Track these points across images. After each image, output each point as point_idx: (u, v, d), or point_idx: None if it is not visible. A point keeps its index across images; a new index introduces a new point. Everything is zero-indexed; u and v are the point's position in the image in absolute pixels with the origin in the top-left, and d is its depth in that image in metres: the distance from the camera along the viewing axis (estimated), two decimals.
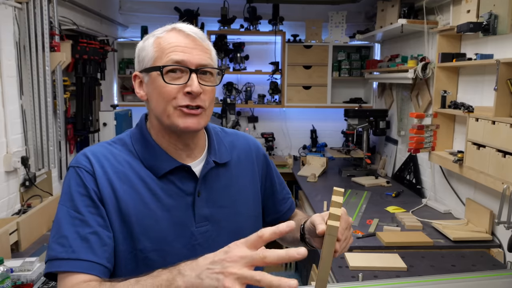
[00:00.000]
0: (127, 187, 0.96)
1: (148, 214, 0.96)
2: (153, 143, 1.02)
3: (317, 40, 4.27)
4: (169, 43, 0.96)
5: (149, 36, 1.02)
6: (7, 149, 2.34)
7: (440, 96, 2.62)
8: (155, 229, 0.96)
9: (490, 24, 2.08)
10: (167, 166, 1.00)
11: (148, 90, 1.00)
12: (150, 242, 0.95)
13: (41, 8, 2.49)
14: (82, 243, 0.89)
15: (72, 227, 0.90)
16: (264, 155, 1.21)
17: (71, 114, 3.09)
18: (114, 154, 1.00)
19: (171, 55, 0.95)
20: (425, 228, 2.40)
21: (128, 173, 0.98)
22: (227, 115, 4.18)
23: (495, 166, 2.00)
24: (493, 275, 1.76)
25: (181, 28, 0.99)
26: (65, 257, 0.88)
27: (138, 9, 4.38)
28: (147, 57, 0.99)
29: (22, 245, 2.07)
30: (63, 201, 0.95)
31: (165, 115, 0.97)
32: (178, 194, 1.00)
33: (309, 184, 3.49)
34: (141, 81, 1.02)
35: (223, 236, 1.03)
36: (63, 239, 0.89)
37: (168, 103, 0.96)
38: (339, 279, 1.83)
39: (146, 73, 0.99)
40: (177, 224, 0.98)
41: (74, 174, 0.96)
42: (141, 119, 1.07)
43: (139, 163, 1.00)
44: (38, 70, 2.52)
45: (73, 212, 0.92)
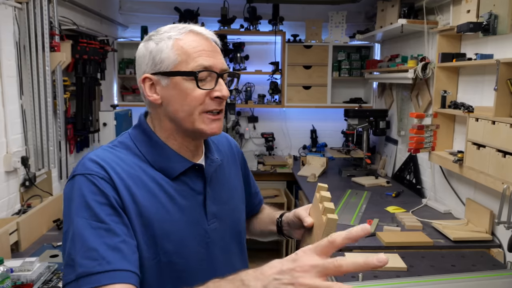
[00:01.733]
0: (144, 191, 0.93)
1: (167, 217, 0.94)
2: (162, 144, 1.00)
3: (317, 40, 4.27)
4: (193, 47, 0.95)
5: (162, 37, 0.97)
6: (7, 149, 2.34)
7: (440, 96, 2.62)
8: (175, 231, 0.95)
9: (490, 24, 2.08)
10: (180, 167, 0.99)
11: (166, 93, 0.96)
12: (171, 245, 0.94)
13: (41, 8, 2.49)
14: (115, 253, 0.83)
15: (98, 239, 0.84)
16: (241, 152, 1.26)
17: (71, 114, 3.09)
18: (121, 158, 0.95)
19: (199, 60, 0.94)
20: (425, 228, 2.40)
21: (142, 177, 0.94)
22: (227, 115, 4.18)
23: (495, 166, 2.00)
24: (493, 275, 1.76)
25: (199, 31, 0.98)
26: (101, 270, 0.81)
27: (138, 9, 4.38)
28: (167, 60, 0.95)
29: (22, 245, 2.07)
30: (79, 212, 0.86)
31: (190, 120, 0.96)
32: (191, 194, 1.00)
33: (309, 184, 3.49)
34: (153, 84, 0.97)
35: (227, 232, 1.07)
36: (92, 252, 0.82)
37: (195, 108, 0.95)
38: (339, 279, 1.83)
39: (166, 76, 0.95)
40: (192, 224, 0.98)
41: (87, 182, 0.89)
42: (141, 120, 1.03)
43: (148, 165, 0.97)
44: (38, 70, 2.52)
45: (95, 223, 0.85)
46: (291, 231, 1.14)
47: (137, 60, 1.01)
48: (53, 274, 1.77)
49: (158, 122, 1.01)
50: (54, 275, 1.76)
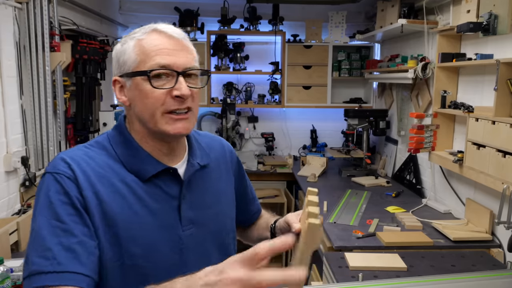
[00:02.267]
0: (111, 192, 0.92)
1: (135, 220, 0.93)
2: (136, 145, 0.99)
3: (317, 40, 4.27)
4: (153, 45, 0.93)
5: (127, 38, 0.97)
6: (7, 149, 2.34)
7: (440, 96, 2.62)
8: (143, 234, 0.93)
9: (490, 24, 2.08)
10: (152, 169, 0.97)
11: (131, 95, 0.96)
12: (138, 248, 0.92)
13: (41, 8, 2.49)
14: (68, 254, 0.83)
15: (55, 238, 0.84)
16: (237, 158, 1.23)
17: (71, 114, 3.09)
18: (93, 157, 0.95)
19: (156, 59, 0.92)
20: (425, 228, 2.40)
21: (111, 178, 0.93)
22: (227, 115, 4.18)
23: (495, 166, 2.00)
24: (493, 275, 1.76)
25: (162, 29, 0.96)
26: (51, 270, 0.81)
27: (138, 9, 4.38)
28: (128, 61, 0.94)
29: (22, 245, 2.07)
30: (41, 211, 0.87)
31: (153, 121, 0.94)
32: (164, 198, 0.98)
33: (309, 184, 3.49)
34: (122, 86, 0.97)
35: (207, 238, 1.04)
36: (47, 252, 0.83)
37: (156, 108, 0.93)
38: (339, 279, 1.83)
39: (128, 77, 0.95)
40: (164, 228, 0.96)
41: (53, 181, 0.89)
42: (120, 121, 1.03)
43: (121, 166, 0.96)
44: (38, 70, 2.52)
45: (54, 222, 0.86)
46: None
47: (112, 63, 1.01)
48: None
49: (131, 124, 1.01)
50: None
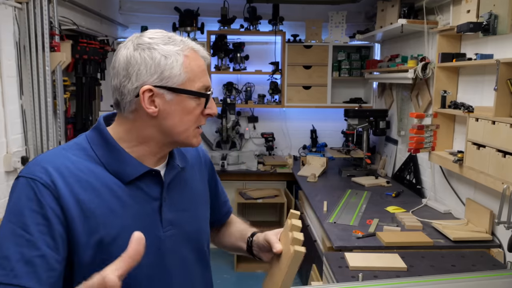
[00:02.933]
0: (93, 196, 0.91)
1: (116, 223, 0.92)
2: (117, 147, 0.97)
3: (317, 40, 4.27)
4: (198, 66, 0.97)
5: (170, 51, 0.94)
6: (7, 149, 2.34)
7: (440, 96, 2.62)
8: (124, 237, 0.88)
9: (490, 24, 2.08)
10: (135, 171, 0.96)
11: (167, 108, 0.95)
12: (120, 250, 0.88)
13: (41, 8, 2.49)
14: (26, 267, 0.81)
15: (16, 247, 0.82)
16: (210, 160, 1.25)
17: (71, 114, 3.09)
18: (73, 161, 0.93)
19: (203, 81, 0.97)
20: (425, 228, 2.40)
21: (92, 181, 0.92)
22: (227, 115, 4.18)
23: (495, 166, 2.00)
24: (493, 275, 1.76)
25: (197, 49, 0.99)
26: (5, 281, 0.80)
27: (138, 9, 4.38)
28: (174, 76, 0.93)
29: None
30: (9, 216, 0.85)
31: (184, 135, 0.98)
32: (145, 200, 0.98)
33: (309, 184, 3.49)
34: (152, 95, 0.94)
35: (185, 239, 1.05)
36: (4, 260, 0.81)
37: (192, 124, 0.98)
38: (339, 279, 1.83)
39: (172, 91, 0.94)
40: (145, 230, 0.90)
41: (26, 186, 0.87)
42: (100, 122, 1.01)
43: (102, 168, 0.95)
44: (38, 70, 2.52)
45: (19, 230, 0.83)
46: (260, 254, 1.13)
47: (131, 66, 0.95)
48: None
49: (135, 130, 0.98)
50: None
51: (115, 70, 0.98)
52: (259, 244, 1.12)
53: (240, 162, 4.20)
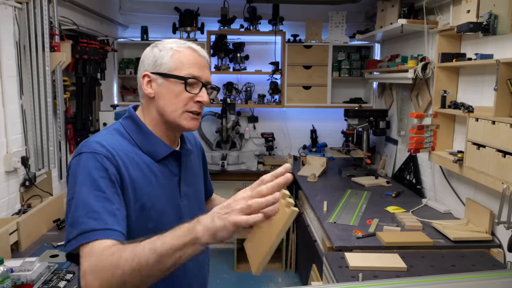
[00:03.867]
0: (138, 170, 1.13)
1: (153, 192, 1.15)
2: (149, 132, 1.20)
3: (317, 40, 4.27)
4: (188, 59, 1.18)
5: (165, 46, 1.19)
6: (7, 149, 2.34)
7: (440, 96, 2.62)
8: (158, 203, 1.16)
9: (490, 24, 2.08)
10: (164, 151, 1.20)
11: (159, 90, 1.18)
12: (155, 215, 1.15)
13: (41, 8, 2.49)
14: (111, 217, 1.01)
15: (99, 203, 1.02)
16: (202, 147, 1.49)
17: (71, 114, 3.09)
18: (119, 142, 1.15)
19: (191, 70, 1.17)
20: (425, 228, 2.40)
21: (135, 158, 1.15)
22: (227, 115, 4.18)
23: (495, 166, 2.00)
24: (493, 275, 1.76)
25: (195, 48, 1.21)
26: (100, 227, 0.99)
27: (138, 9, 4.38)
28: (165, 65, 1.17)
29: (22, 245, 2.07)
30: (84, 183, 1.04)
31: (173, 115, 1.18)
32: (170, 175, 1.22)
33: (309, 184, 3.49)
34: (150, 81, 1.18)
35: (194, 208, 1.29)
36: (95, 214, 1.00)
37: (179, 107, 1.17)
38: (339, 279, 1.83)
39: (163, 77, 1.17)
40: (170, 199, 1.21)
41: (93, 159, 1.07)
42: (131, 112, 1.23)
43: (138, 149, 1.17)
44: (38, 70, 2.52)
45: (97, 192, 1.03)
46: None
47: (141, 61, 1.22)
48: (53, 274, 1.77)
49: (147, 112, 1.22)
50: (54, 275, 1.76)
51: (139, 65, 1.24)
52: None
53: (240, 162, 4.20)
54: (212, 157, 4.20)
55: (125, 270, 0.91)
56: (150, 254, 0.91)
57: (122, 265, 0.91)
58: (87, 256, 0.96)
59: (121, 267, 0.91)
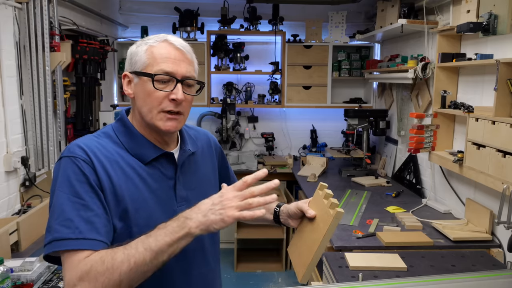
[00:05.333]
0: (120, 173, 1.08)
1: (139, 196, 1.09)
2: (138, 133, 1.15)
3: (317, 40, 4.27)
4: (160, 53, 1.10)
5: (142, 42, 1.14)
6: (7, 149, 2.34)
7: (440, 96, 2.62)
8: (145, 208, 1.10)
9: (490, 24, 2.08)
10: (153, 153, 1.14)
11: (136, 90, 1.13)
12: (142, 219, 1.08)
13: (41, 8, 2.49)
14: (87, 225, 0.99)
15: (75, 211, 0.99)
16: (220, 148, 1.42)
17: (71, 114, 3.09)
18: (103, 145, 1.11)
19: (162, 65, 1.09)
20: (425, 228, 2.40)
21: (119, 161, 1.10)
22: (227, 115, 4.18)
23: (495, 166, 2.00)
24: (493, 275, 1.76)
25: (172, 41, 1.13)
26: (73, 237, 0.97)
27: (138, 9, 4.38)
28: (139, 62, 1.11)
29: (22, 245, 2.07)
30: (62, 188, 1.02)
31: (149, 116, 1.11)
32: (162, 178, 1.15)
33: (309, 184, 3.49)
34: (130, 81, 1.14)
35: None
36: (68, 222, 0.98)
37: (154, 107, 1.10)
38: (339, 279, 1.83)
39: (137, 75, 1.12)
40: (162, 203, 1.13)
41: (71, 163, 1.04)
42: (122, 114, 1.19)
43: (126, 152, 1.13)
44: (38, 70, 2.52)
45: (74, 198, 1.01)
46: (288, 221, 1.29)
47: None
48: (53, 274, 1.78)
49: (133, 113, 1.18)
50: (54, 275, 1.76)
51: None
52: (290, 213, 1.27)
53: (240, 162, 4.20)
54: None
55: (122, 272, 0.95)
56: (146, 252, 0.95)
57: (118, 268, 0.94)
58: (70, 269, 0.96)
59: (117, 270, 0.94)
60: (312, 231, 1.01)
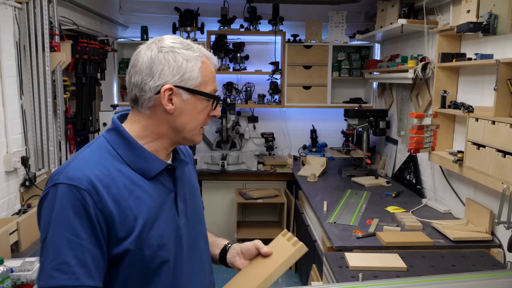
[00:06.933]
0: (127, 194, 0.99)
1: (149, 215, 1.02)
2: (137, 145, 1.05)
3: (317, 40, 4.27)
4: (211, 72, 1.08)
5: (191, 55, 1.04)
6: (7, 149, 2.34)
7: (440, 96, 2.62)
8: (156, 227, 1.02)
9: (490, 24, 2.08)
10: (157, 167, 1.06)
11: (182, 106, 1.04)
12: (154, 239, 1.01)
13: (41, 8, 2.49)
14: (83, 269, 0.92)
15: (71, 252, 0.92)
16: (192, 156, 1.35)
17: (71, 114, 3.09)
18: (104, 164, 1.00)
19: (214, 85, 1.09)
20: (425, 228, 2.40)
21: (123, 180, 1.00)
22: (227, 115, 4.18)
23: (495, 166, 2.00)
24: (493, 275, 1.76)
25: (210, 57, 1.09)
26: (70, 284, 0.91)
27: (138, 9, 4.38)
28: (193, 78, 1.03)
29: (22, 245, 2.07)
30: (58, 223, 0.93)
31: (192, 132, 1.08)
32: (165, 193, 1.08)
33: (309, 184, 3.49)
34: (171, 94, 1.03)
35: (194, 227, 1.16)
36: (65, 266, 0.91)
37: (199, 123, 1.09)
38: (339, 279, 1.83)
39: (190, 92, 1.04)
40: (169, 219, 1.07)
41: (70, 194, 0.93)
42: (116, 124, 1.07)
43: (127, 167, 1.02)
44: (38, 70, 2.52)
45: (71, 236, 0.92)
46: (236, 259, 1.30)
47: (154, 66, 1.02)
48: None
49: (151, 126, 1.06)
50: None
51: (137, 68, 1.04)
52: (241, 249, 1.28)
53: (240, 162, 4.19)
54: (212, 157, 4.20)
55: None
56: None
57: None
58: None
59: None
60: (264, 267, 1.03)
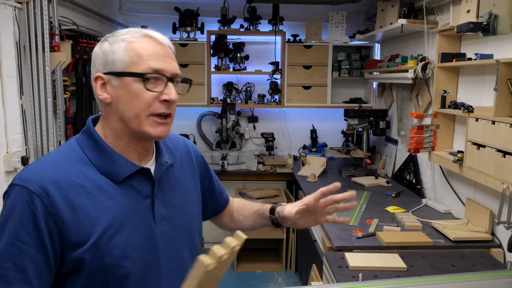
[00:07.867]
0: (86, 199, 0.93)
1: (111, 222, 0.94)
2: (107, 147, 0.99)
3: (317, 40, 4.27)
4: (145, 50, 0.97)
5: (115, 38, 0.99)
6: (7, 149, 2.34)
7: (440, 96, 2.62)
8: (119, 236, 0.95)
9: (490, 24, 2.08)
10: (126, 170, 0.99)
11: (116, 93, 0.97)
12: (116, 249, 0.94)
13: (41, 8, 2.49)
14: (17, 274, 0.87)
15: (8, 254, 0.87)
16: (202, 156, 1.28)
17: (71, 114, 3.09)
18: (67, 167, 0.95)
19: (149, 63, 0.96)
20: (425, 228, 2.40)
21: (85, 185, 0.94)
22: (227, 115, 4.18)
23: (495, 166, 2.00)
24: (493, 275, 1.76)
25: (153, 35, 1.00)
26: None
27: (138, 9, 4.38)
28: (118, 61, 0.96)
29: None
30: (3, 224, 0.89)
31: (136, 121, 0.96)
32: (137, 198, 1.00)
33: (309, 184, 3.49)
34: (105, 83, 0.98)
35: (178, 234, 1.08)
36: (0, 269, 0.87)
37: (142, 110, 0.96)
38: (339, 279, 1.83)
39: (116, 76, 0.96)
40: (139, 227, 0.99)
41: (20, 195, 0.90)
42: (88, 125, 1.04)
43: (94, 170, 0.97)
44: (38, 70, 2.52)
45: (12, 239, 0.88)
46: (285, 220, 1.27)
47: (92, 60, 1.01)
48: None
49: (107, 122, 1.01)
50: None
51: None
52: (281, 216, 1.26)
53: (240, 162, 4.19)
54: (212, 157, 4.20)
55: None
56: None
57: None
58: None
59: None
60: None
